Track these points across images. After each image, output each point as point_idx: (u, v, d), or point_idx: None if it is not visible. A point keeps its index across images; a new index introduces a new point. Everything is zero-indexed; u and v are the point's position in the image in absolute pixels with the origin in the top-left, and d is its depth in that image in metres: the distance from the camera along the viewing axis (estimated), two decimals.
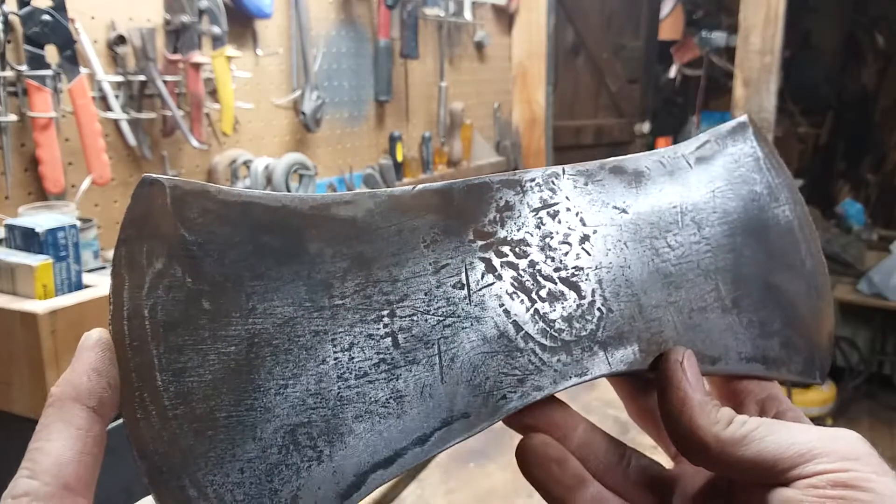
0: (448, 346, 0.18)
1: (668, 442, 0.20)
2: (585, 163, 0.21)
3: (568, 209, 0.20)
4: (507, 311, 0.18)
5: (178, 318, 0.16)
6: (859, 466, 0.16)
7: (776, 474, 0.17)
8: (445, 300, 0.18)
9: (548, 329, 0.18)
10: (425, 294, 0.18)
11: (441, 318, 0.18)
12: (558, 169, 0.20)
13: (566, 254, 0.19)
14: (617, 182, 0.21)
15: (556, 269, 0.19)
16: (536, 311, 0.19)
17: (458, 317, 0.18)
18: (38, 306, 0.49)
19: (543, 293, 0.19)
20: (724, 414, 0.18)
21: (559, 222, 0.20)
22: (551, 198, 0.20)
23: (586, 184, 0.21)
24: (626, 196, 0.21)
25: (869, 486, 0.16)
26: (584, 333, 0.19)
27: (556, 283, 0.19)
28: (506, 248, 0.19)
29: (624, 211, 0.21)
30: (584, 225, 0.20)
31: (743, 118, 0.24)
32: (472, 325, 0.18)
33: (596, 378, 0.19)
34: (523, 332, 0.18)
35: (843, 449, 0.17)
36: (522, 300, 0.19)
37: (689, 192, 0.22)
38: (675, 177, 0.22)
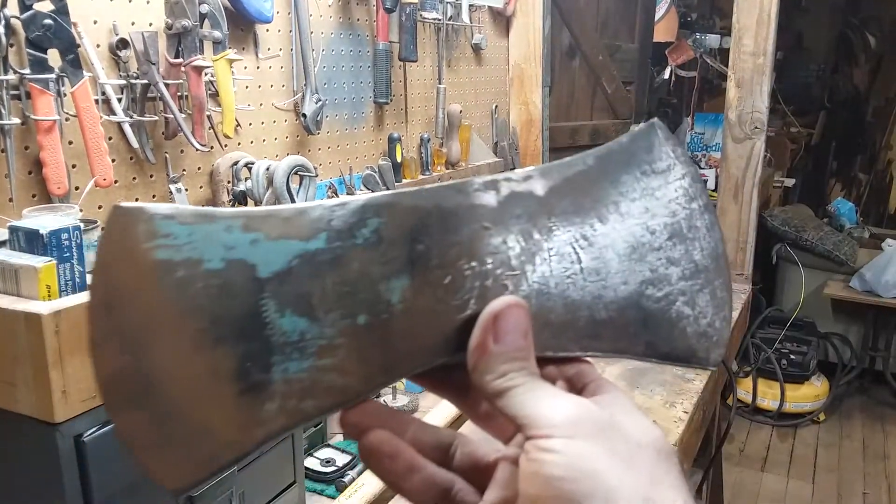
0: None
1: (496, 432, 0.23)
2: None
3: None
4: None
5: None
6: (559, 433, 0.19)
7: (518, 428, 0.20)
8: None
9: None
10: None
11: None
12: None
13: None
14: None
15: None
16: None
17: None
18: (42, 307, 0.49)
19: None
20: (503, 367, 0.20)
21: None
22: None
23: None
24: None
25: (553, 447, 0.18)
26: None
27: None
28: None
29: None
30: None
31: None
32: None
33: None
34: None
35: (556, 418, 0.19)
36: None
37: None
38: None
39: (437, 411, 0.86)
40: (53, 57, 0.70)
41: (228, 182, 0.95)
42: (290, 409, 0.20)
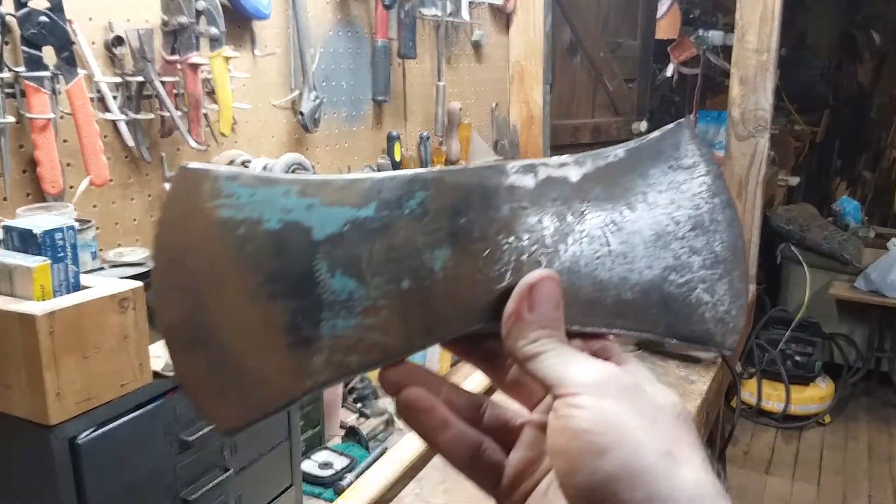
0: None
1: (522, 399, 0.25)
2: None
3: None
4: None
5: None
6: (587, 391, 0.20)
7: (547, 389, 0.21)
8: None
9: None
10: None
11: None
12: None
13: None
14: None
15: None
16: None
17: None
18: (36, 308, 0.49)
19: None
20: (536, 334, 0.22)
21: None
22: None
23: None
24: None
25: (581, 404, 0.20)
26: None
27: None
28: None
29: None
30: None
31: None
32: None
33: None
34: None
35: (585, 379, 0.21)
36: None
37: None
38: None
39: None
40: (48, 54, 0.69)
41: None
42: (335, 363, 0.22)
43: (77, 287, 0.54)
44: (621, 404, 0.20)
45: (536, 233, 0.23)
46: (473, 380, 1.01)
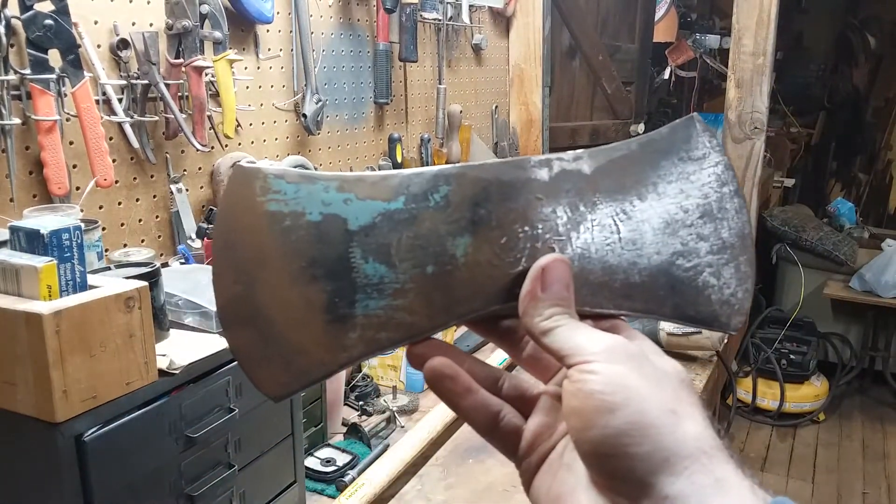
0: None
1: (538, 373, 0.27)
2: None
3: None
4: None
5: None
6: (598, 358, 0.22)
7: (560, 360, 0.23)
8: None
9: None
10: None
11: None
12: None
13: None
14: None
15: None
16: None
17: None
18: (43, 307, 0.49)
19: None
20: (549, 311, 0.24)
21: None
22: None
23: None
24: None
25: (593, 369, 0.22)
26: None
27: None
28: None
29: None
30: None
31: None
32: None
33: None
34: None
35: (595, 348, 0.22)
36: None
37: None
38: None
39: (438, 410, 0.86)
40: (54, 57, 0.70)
41: None
42: (367, 339, 0.24)
43: (83, 287, 0.55)
44: (629, 368, 0.22)
45: (550, 222, 0.25)
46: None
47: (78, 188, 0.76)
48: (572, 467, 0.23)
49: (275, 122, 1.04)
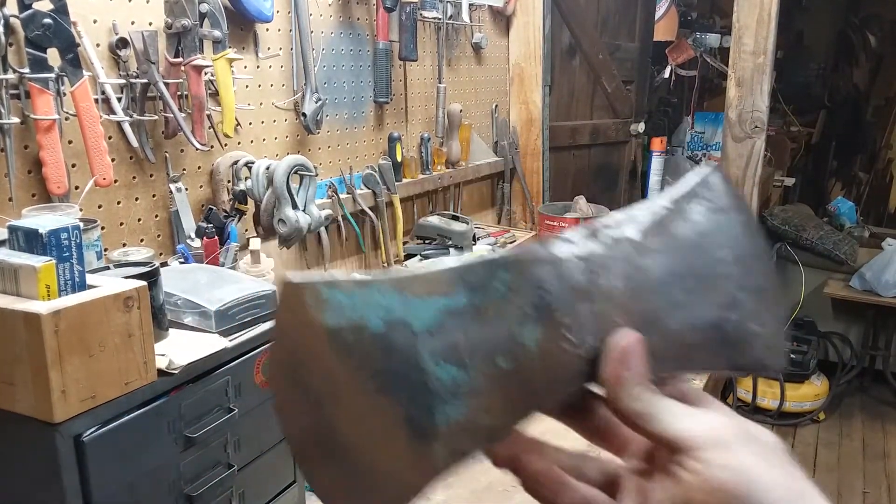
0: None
1: (613, 449, 0.27)
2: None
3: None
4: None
5: None
6: (711, 445, 0.22)
7: (665, 445, 0.23)
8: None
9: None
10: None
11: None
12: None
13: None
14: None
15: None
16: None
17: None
18: (42, 307, 0.49)
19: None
20: (636, 390, 0.23)
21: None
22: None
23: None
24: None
25: (710, 459, 0.21)
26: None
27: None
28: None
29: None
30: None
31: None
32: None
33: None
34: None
35: (701, 433, 0.22)
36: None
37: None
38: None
39: None
40: (53, 56, 0.70)
41: (228, 181, 0.95)
42: (453, 449, 0.23)
43: (82, 286, 0.55)
44: (745, 453, 0.21)
45: (610, 294, 0.25)
46: None
47: (77, 187, 0.76)
48: None
49: (274, 121, 1.04)
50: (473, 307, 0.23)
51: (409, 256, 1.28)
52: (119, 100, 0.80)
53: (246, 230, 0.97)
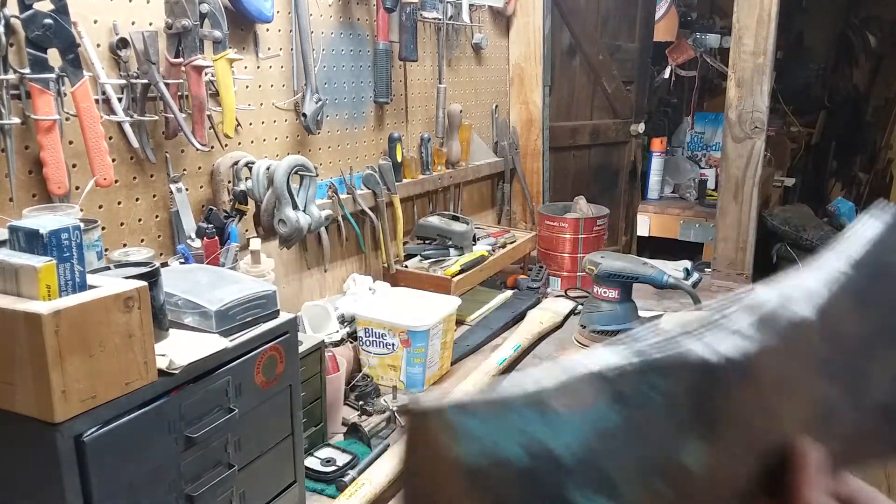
0: None
1: None
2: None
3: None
4: None
5: None
6: None
7: None
8: None
9: None
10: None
11: None
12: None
13: None
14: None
15: None
16: None
17: None
18: (42, 307, 0.49)
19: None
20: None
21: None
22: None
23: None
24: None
25: None
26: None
27: None
28: None
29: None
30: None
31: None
32: None
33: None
34: None
35: None
36: None
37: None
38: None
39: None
40: (53, 56, 0.70)
41: (229, 182, 0.95)
42: None
43: (83, 286, 0.55)
44: None
45: (785, 398, 0.21)
46: (472, 379, 1.02)
47: (77, 188, 0.76)
48: None
49: (275, 121, 1.04)
50: (625, 422, 0.19)
51: (409, 256, 1.28)
52: (119, 100, 0.80)
53: (246, 230, 0.98)
